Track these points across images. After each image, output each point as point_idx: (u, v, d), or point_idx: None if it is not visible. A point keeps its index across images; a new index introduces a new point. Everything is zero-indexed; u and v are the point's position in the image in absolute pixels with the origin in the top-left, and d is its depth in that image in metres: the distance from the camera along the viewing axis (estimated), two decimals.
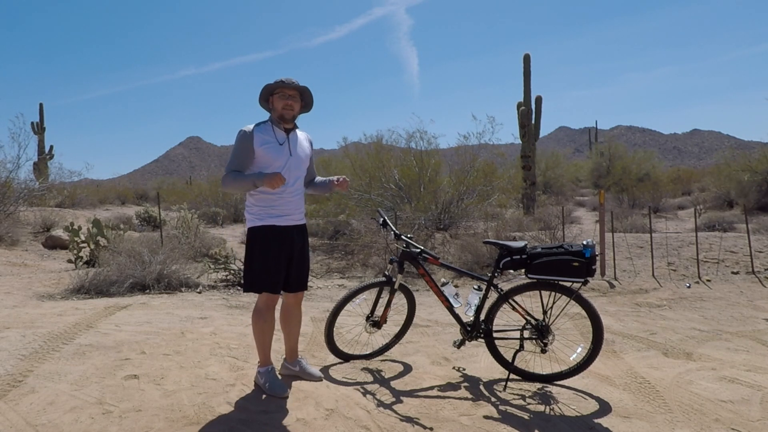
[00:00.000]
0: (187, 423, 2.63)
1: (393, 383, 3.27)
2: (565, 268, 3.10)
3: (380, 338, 3.84)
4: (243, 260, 3.08)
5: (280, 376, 3.23)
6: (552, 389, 3.21)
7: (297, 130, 3.10)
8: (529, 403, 3.00)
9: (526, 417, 2.82)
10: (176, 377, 3.21)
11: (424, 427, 2.68)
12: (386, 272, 3.57)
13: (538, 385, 3.26)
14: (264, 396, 2.97)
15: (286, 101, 2.94)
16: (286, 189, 2.98)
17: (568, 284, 3.19)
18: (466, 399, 3.03)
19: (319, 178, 3.33)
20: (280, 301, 3.14)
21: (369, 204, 10.60)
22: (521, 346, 3.27)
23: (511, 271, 3.33)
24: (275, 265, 2.96)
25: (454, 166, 11.63)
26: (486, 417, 2.80)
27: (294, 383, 3.17)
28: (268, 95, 3.00)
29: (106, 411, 2.73)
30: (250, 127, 2.94)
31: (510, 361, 3.28)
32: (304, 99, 3.05)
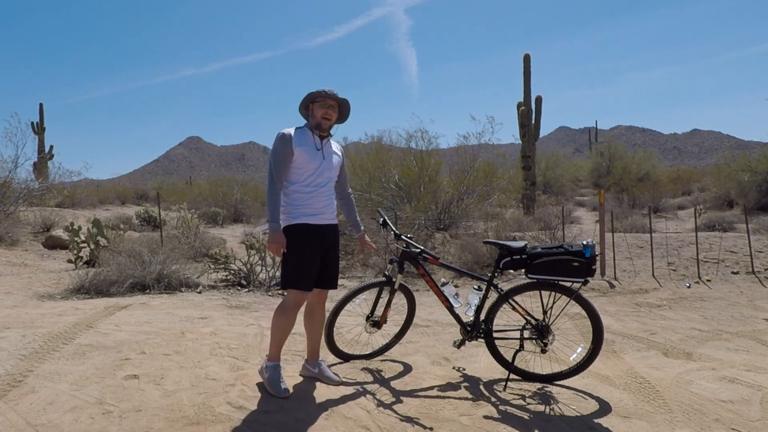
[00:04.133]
0: (187, 423, 2.63)
1: (393, 383, 3.27)
2: (565, 268, 3.10)
3: (380, 338, 3.84)
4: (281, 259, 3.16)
5: (300, 377, 3.28)
6: (552, 389, 3.21)
7: (330, 140, 3.24)
8: (529, 403, 3.00)
9: (526, 417, 2.82)
10: (176, 377, 3.22)
11: (424, 427, 2.68)
12: (386, 272, 3.57)
13: (538, 385, 3.26)
14: (261, 396, 2.97)
15: (326, 110, 3.08)
16: (318, 189, 3.08)
17: (568, 284, 3.19)
18: (466, 399, 3.03)
19: (355, 215, 3.50)
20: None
21: (369, 204, 10.60)
22: (521, 346, 3.27)
23: (511, 271, 3.33)
24: (308, 263, 3.04)
25: (454, 166, 11.62)
26: (486, 417, 2.80)
27: (294, 383, 3.17)
28: (309, 102, 3.12)
29: (106, 411, 2.73)
30: (290, 130, 3.07)
31: (510, 361, 3.28)
32: (342, 111, 3.21)
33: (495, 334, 3.37)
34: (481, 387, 3.22)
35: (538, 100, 16.88)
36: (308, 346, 3.34)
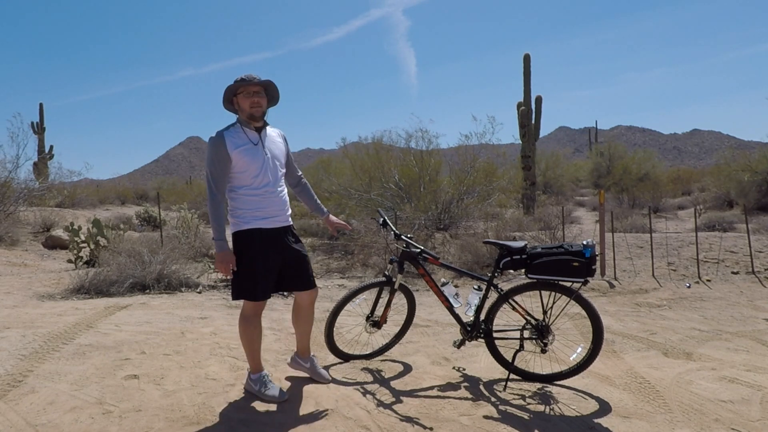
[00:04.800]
0: (187, 423, 2.63)
1: (393, 383, 3.27)
2: (565, 268, 3.10)
3: (380, 338, 3.84)
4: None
5: (299, 377, 3.24)
6: (552, 389, 3.21)
7: (268, 128, 2.98)
8: (529, 403, 3.00)
9: (526, 417, 2.82)
10: (176, 377, 3.22)
11: (424, 427, 2.68)
12: (386, 272, 3.57)
13: (538, 385, 3.26)
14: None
15: (252, 99, 2.80)
16: (269, 189, 2.88)
17: (568, 284, 3.18)
18: (466, 399, 3.03)
19: (315, 198, 3.36)
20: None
21: (369, 204, 10.59)
22: (521, 346, 3.27)
23: (511, 271, 3.33)
24: (264, 271, 2.85)
25: (454, 166, 11.62)
26: (486, 417, 2.80)
27: (293, 383, 3.17)
28: (231, 96, 2.86)
29: (106, 411, 2.74)
30: (221, 132, 2.82)
31: (510, 361, 3.28)
32: (269, 93, 2.92)
33: (495, 334, 3.37)
34: (481, 387, 3.22)
35: (538, 100, 16.88)
36: (298, 343, 3.26)
